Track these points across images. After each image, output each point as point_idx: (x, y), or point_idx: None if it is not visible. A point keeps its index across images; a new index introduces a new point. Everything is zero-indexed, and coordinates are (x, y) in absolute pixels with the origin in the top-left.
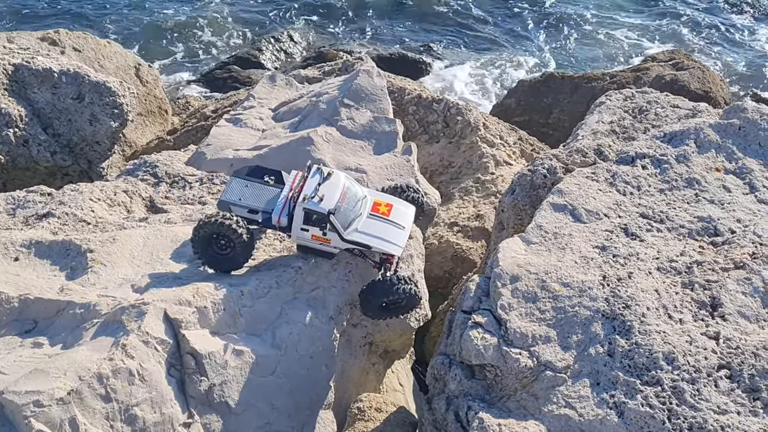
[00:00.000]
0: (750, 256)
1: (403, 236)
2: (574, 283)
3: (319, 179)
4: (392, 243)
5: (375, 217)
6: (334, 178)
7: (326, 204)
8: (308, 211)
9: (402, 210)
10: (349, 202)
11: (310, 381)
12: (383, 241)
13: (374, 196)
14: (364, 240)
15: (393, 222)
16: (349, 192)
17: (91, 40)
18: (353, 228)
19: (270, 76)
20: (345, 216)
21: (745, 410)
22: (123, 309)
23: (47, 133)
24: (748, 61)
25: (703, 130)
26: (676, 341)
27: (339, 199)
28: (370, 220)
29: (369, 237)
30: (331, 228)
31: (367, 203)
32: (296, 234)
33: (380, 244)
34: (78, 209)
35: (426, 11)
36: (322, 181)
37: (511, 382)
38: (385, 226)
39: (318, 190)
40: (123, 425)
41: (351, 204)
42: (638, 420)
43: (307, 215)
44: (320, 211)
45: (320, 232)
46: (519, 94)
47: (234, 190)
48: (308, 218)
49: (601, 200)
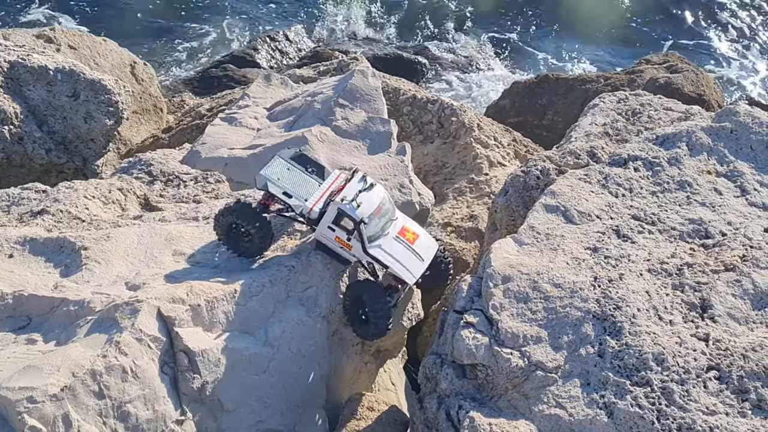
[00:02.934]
0: (740, 259)
1: (421, 268)
2: (565, 284)
3: (362, 186)
4: (409, 271)
5: (399, 241)
6: (375, 190)
7: (361, 212)
8: (341, 213)
9: (426, 243)
10: (381, 217)
11: (303, 379)
12: (401, 266)
13: (405, 221)
14: (384, 259)
15: (415, 251)
16: (384, 208)
17: (86, 37)
18: (377, 244)
19: (265, 76)
20: (373, 230)
21: (734, 411)
22: (117, 306)
23: (42, 130)
24: (743, 65)
25: (695, 133)
26: (665, 342)
27: (373, 212)
28: (395, 242)
29: (389, 257)
30: (357, 237)
31: (397, 226)
32: (321, 230)
33: (398, 267)
34: (73, 207)
35: (422, 12)
36: (363, 190)
37: (502, 381)
38: (406, 252)
39: (358, 196)
40: (116, 422)
41: (382, 220)
42: (627, 420)
43: (339, 216)
44: (354, 216)
45: (345, 237)
46: (513, 96)
47: (275, 169)
48: (339, 219)
49: (593, 202)
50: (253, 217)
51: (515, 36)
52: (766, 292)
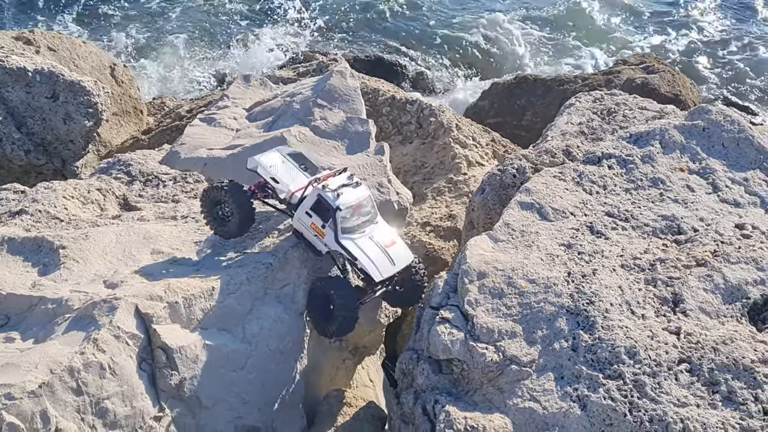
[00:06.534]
0: (711, 254)
1: (391, 270)
2: (539, 280)
3: (347, 182)
4: (377, 268)
5: (374, 242)
6: (359, 189)
7: (340, 201)
8: (320, 198)
9: (401, 252)
10: (359, 215)
11: (281, 376)
12: (370, 262)
13: (385, 228)
14: (354, 251)
15: (388, 255)
16: (364, 208)
17: (66, 39)
18: (350, 237)
19: (244, 77)
20: (349, 223)
21: (705, 403)
22: (95, 304)
23: (21, 131)
24: (720, 65)
25: (668, 131)
26: (638, 336)
27: (352, 206)
28: (369, 241)
29: (359, 251)
30: (332, 224)
31: (375, 230)
32: (299, 215)
33: (366, 262)
34: (51, 207)
35: (403, 14)
36: (348, 185)
37: (478, 376)
38: (379, 253)
39: (340, 188)
40: (94, 418)
41: (360, 218)
42: (600, 413)
43: (317, 201)
44: (330, 203)
45: (320, 224)
46: (492, 96)
47: (270, 158)
48: (317, 205)
49: (568, 199)
50: (240, 197)
51: (495, 37)
52: (737, 287)
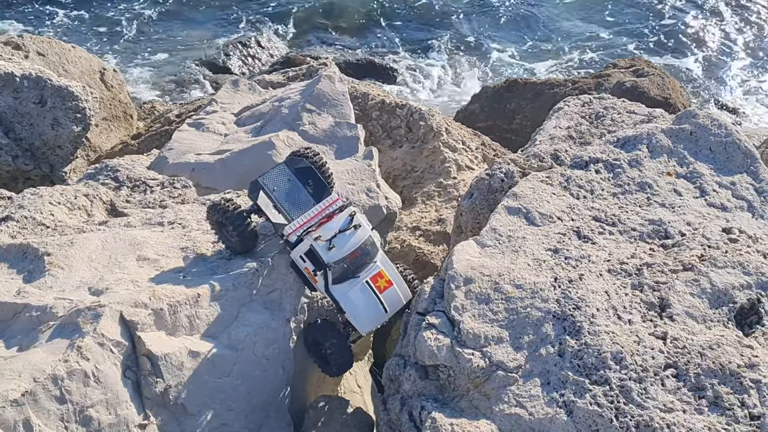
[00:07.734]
0: (698, 258)
1: (381, 320)
2: (526, 285)
3: (345, 225)
4: (363, 322)
5: (369, 288)
6: (359, 233)
7: (332, 255)
8: (313, 249)
9: (396, 296)
10: (355, 261)
11: (267, 383)
12: (358, 314)
13: (384, 265)
14: (343, 303)
15: (381, 302)
16: (362, 252)
17: (55, 44)
18: (341, 285)
19: (233, 81)
20: (343, 271)
21: (691, 408)
22: (79, 311)
23: (9, 137)
24: (711, 69)
25: (656, 135)
26: (624, 341)
27: (347, 255)
28: (362, 289)
29: (349, 303)
30: (323, 274)
31: (372, 270)
32: (295, 256)
33: (354, 316)
34: (37, 213)
35: (394, 18)
36: (346, 229)
37: (464, 382)
38: (370, 301)
39: (335, 237)
40: (78, 426)
41: (356, 264)
42: (587, 419)
43: (309, 251)
44: (321, 258)
45: (313, 270)
46: (482, 100)
47: (275, 178)
48: (309, 254)
49: (555, 204)
50: (237, 220)
51: (485, 42)
52: (723, 291)
